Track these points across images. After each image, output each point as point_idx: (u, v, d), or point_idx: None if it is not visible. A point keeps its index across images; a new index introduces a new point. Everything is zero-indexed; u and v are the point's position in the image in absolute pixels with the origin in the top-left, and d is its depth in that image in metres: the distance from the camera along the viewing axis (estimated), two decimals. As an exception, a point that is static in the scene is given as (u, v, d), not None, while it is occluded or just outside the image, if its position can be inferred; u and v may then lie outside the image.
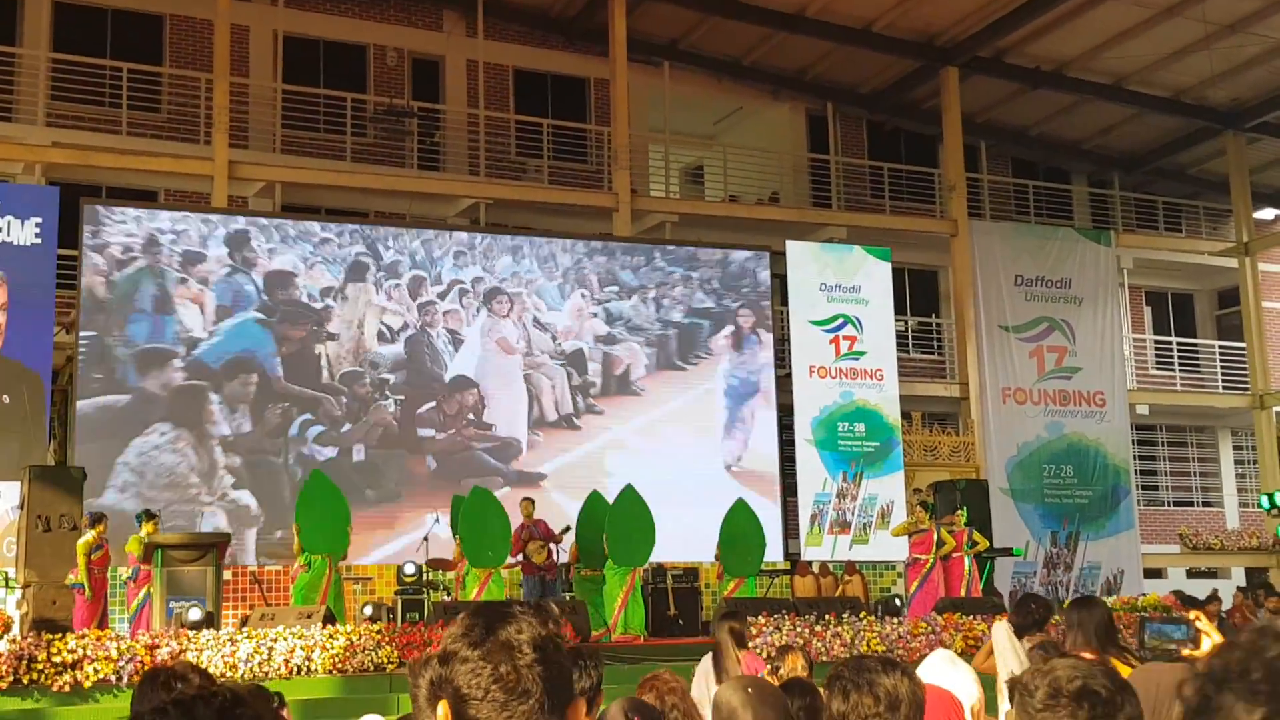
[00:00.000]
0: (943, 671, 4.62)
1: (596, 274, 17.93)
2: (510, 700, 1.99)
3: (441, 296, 17.01)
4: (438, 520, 17.43)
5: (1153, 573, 27.06)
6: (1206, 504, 29.98)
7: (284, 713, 4.88)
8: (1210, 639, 3.39)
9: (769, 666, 7.37)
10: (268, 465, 15.39)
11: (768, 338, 21.34)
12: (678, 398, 18.33)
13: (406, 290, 16.41)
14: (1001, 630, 8.40)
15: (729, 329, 20.42)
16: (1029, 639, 9.16)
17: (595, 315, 17.58)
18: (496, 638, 2.02)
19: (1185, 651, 3.43)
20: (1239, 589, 23.22)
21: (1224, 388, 29.15)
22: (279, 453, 15.45)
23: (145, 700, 3.64)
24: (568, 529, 17.15)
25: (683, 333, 18.92)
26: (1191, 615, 3.46)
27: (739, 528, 17.68)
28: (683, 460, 18.35)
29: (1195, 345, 29.79)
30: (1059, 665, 2.22)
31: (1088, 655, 5.80)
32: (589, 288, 17.61)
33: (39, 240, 18.72)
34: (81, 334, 16.42)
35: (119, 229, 15.51)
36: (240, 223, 15.91)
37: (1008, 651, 7.71)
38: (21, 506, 15.56)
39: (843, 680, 2.91)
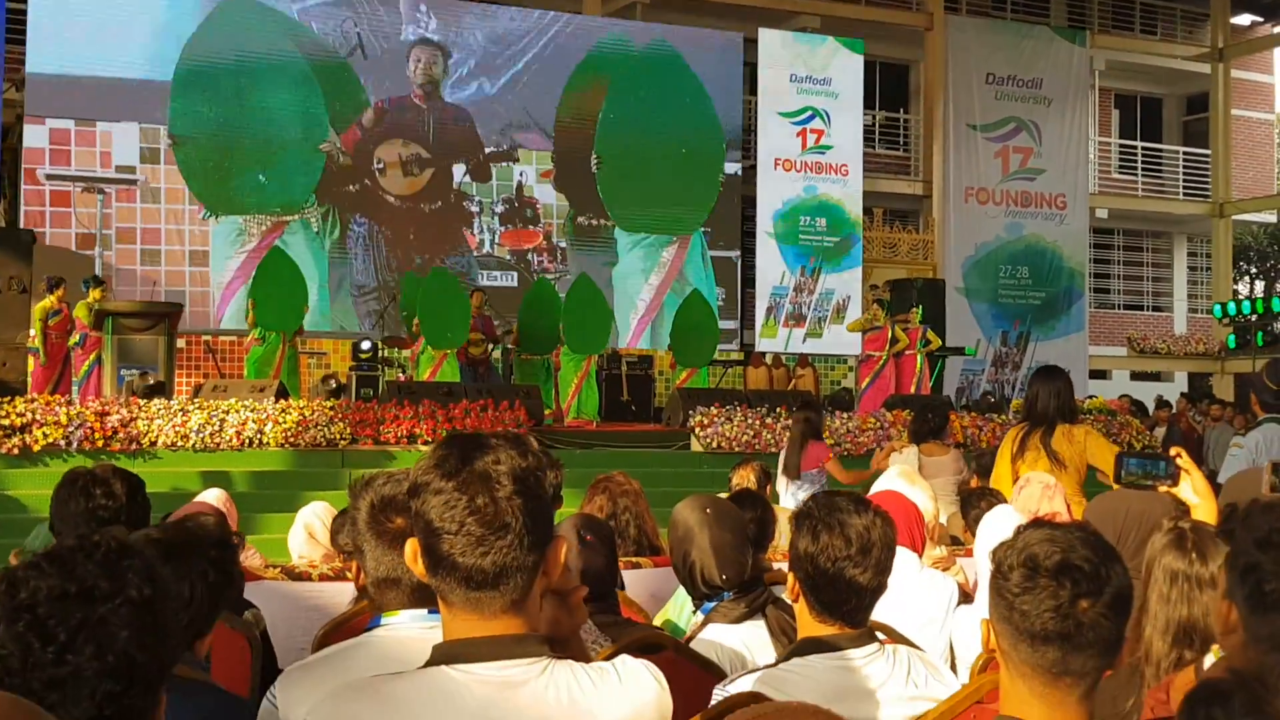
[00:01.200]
0: (898, 487, 4.63)
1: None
2: (487, 535, 1.86)
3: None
4: (393, 299, 17.33)
5: (1098, 374, 27.47)
6: (1156, 309, 30.29)
7: (227, 519, 4.79)
8: (1190, 477, 3.35)
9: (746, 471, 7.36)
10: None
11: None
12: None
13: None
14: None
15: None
16: (928, 446, 9.43)
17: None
18: (472, 468, 1.88)
19: (1162, 488, 3.39)
20: (1182, 395, 23.62)
21: (1185, 195, 29.15)
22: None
23: (64, 503, 3.51)
24: (509, 331, 17.08)
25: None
26: (1173, 452, 3.39)
27: (692, 318, 17.66)
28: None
29: (1160, 150, 29.65)
30: (1033, 538, 2.02)
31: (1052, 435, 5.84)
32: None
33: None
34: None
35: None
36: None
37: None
38: (-31, 267, 15.30)
39: (812, 519, 2.73)
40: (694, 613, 3.83)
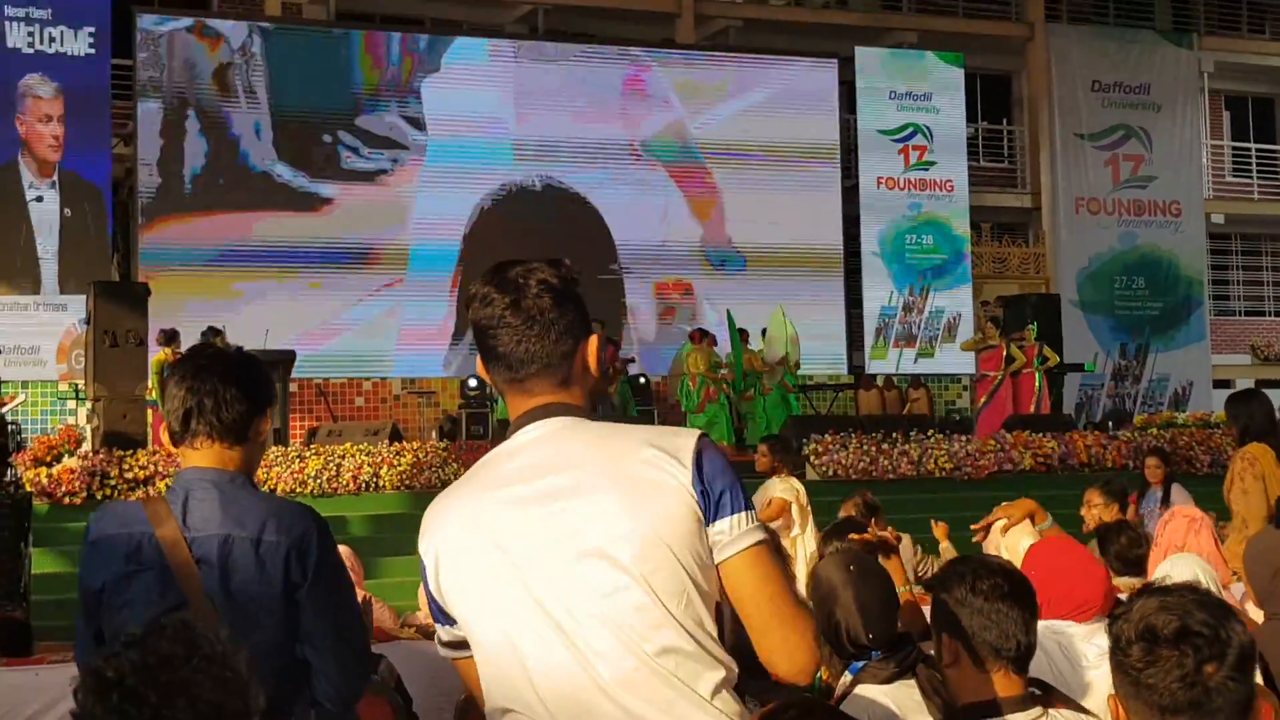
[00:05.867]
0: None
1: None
2: (521, 325, 2.22)
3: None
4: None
5: (1221, 384, 26.68)
6: (1279, 314, 29.43)
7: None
8: None
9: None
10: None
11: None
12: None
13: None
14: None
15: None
16: None
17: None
18: (506, 275, 2.26)
19: None
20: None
21: (1303, 195, 28.32)
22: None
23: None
24: (632, 359, 17.06)
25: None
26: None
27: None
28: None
29: (1274, 152, 28.85)
30: (1148, 608, 1.96)
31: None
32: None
33: (93, 50, 18.47)
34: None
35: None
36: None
37: None
38: (88, 322, 15.60)
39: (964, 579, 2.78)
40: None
